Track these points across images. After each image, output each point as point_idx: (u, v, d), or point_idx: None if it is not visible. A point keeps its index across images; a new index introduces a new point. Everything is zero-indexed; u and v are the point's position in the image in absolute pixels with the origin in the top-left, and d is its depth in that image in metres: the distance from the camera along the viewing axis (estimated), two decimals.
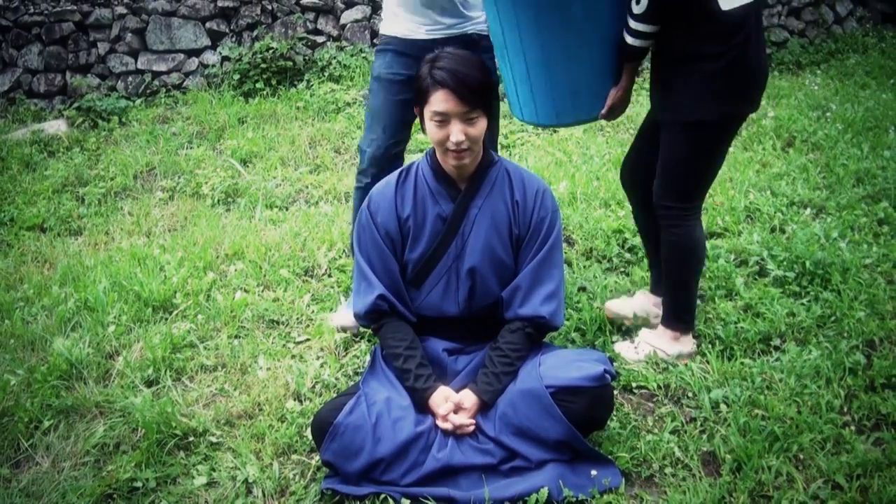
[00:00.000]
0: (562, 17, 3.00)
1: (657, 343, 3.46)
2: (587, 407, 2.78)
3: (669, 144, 3.26)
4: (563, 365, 2.88)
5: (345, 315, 3.76)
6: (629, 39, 3.03)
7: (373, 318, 3.10)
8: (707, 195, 3.58)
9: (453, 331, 3.13)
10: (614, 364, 3.25)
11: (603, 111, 3.30)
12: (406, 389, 2.93)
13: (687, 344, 3.46)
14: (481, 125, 2.90)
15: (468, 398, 2.89)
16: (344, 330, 3.76)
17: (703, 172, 3.28)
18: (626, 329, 3.70)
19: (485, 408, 2.89)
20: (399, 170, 3.19)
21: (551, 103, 3.45)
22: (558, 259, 3.10)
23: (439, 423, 2.85)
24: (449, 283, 3.08)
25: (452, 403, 2.87)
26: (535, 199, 3.08)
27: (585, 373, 2.81)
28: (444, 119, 2.86)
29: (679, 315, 3.45)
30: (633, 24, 2.98)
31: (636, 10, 2.93)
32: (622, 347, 3.52)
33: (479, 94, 2.85)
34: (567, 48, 3.10)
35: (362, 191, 3.76)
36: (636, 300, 3.78)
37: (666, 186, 3.33)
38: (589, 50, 3.13)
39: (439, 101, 2.84)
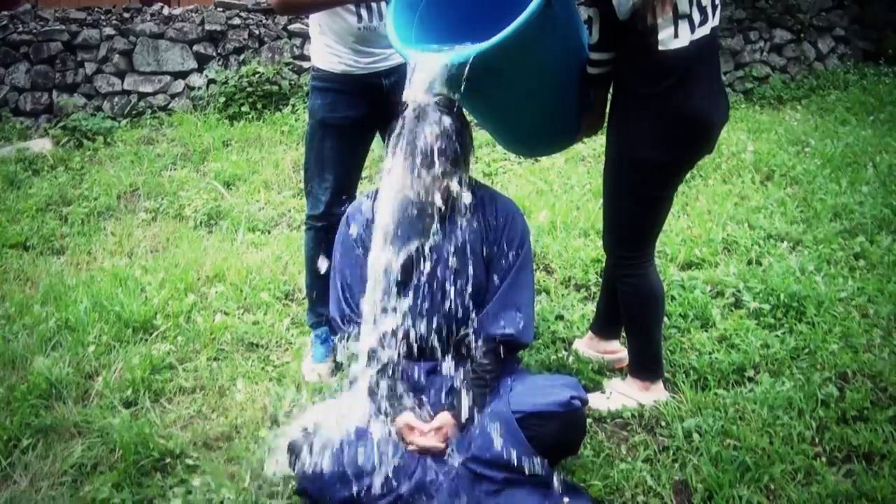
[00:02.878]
0: (516, 94, 3.04)
1: (630, 393, 3.41)
2: (557, 432, 2.80)
3: (606, 181, 3.29)
4: (533, 391, 2.91)
5: (313, 367, 3.75)
6: (588, 68, 3.05)
7: (347, 324, 3.12)
8: (682, 231, 3.58)
9: (426, 349, 3.14)
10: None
11: (579, 136, 3.38)
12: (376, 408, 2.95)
13: (659, 392, 3.42)
14: None
15: (443, 419, 2.92)
16: (319, 377, 3.71)
17: (641, 218, 3.24)
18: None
19: (460, 429, 2.92)
20: (376, 188, 3.22)
21: (524, 147, 3.53)
22: (528, 278, 3.13)
23: (415, 438, 2.88)
24: (422, 301, 3.11)
25: (425, 425, 2.90)
26: (505, 220, 3.12)
27: (554, 398, 2.82)
28: None
29: (644, 365, 3.42)
30: (589, 53, 3.01)
31: (590, 40, 2.96)
32: (592, 399, 3.39)
33: None
34: (526, 113, 3.16)
35: (316, 232, 3.71)
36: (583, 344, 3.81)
37: (609, 232, 3.36)
38: (551, 106, 3.19)
39: None
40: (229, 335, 4.02)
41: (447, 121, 2.81)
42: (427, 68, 2.74)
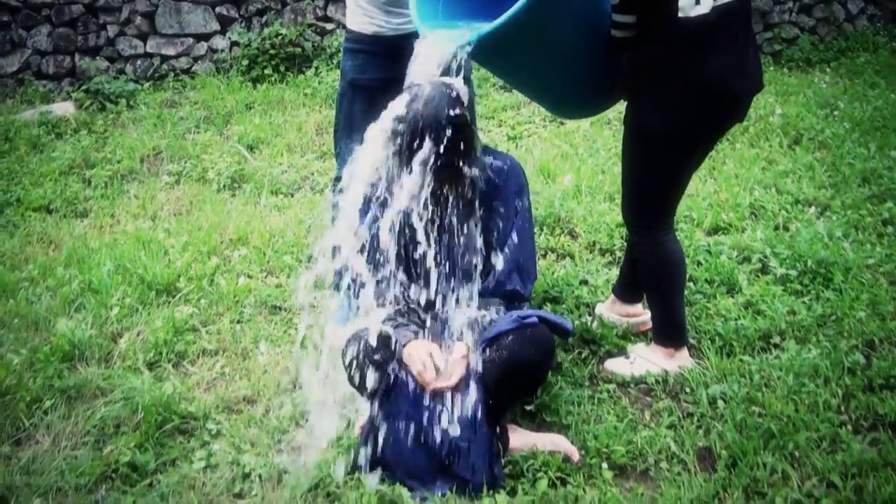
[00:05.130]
0: (540, 65, 3.04)
1: (654, 360, 3.37)
2: (513, 348, 2.79)
3: (623, 151, 3.25)
4: (500, 321, 2.93)
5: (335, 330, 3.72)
6: (612, 31, 2.99)
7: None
8: (709, 195, 3.54)
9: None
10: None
11: (613, 100, 3.36)
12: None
13: (683, 359, 3.38)
14: None
15: (461, 349, 2.88)
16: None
17: (655, 188, 3.20)
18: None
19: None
20: None
21: (556, 109, 3.54)
22: (527, 235, 3.11)
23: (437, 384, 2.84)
24: (414, 269, 3.09)
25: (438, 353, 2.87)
26: (498, 184, 3.08)
27: (512, 318, 2.85)
28: None
29: (667, 332, 3.39)
30: (613, 15, 2.96)
31: (612, 0, 2.92)
32: (616, 364, 3.42)
33: None
34: (553, 80, 3.16)
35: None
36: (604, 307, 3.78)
37: (625, 201, 3.33)
38: (579, 73, 3.17)
39: None
40: (252, 298, 4.02)
41: (445, 103, 2.79)
42: (440, 46, 2.78)
